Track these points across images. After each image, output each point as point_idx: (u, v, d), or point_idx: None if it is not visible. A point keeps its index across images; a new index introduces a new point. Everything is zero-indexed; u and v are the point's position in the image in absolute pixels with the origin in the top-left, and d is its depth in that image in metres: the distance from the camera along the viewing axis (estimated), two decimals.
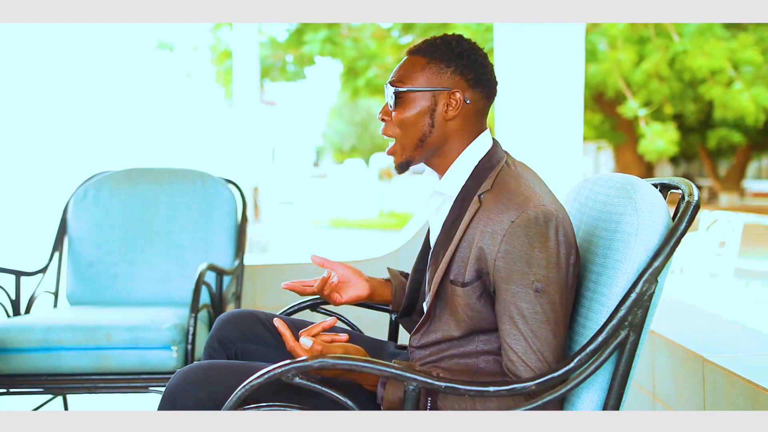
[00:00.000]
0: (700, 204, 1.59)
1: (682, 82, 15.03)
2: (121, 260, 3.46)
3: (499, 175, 1.67)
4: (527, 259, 1.55)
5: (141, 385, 2.83)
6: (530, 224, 1.55)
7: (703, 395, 2.41)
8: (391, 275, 2.07)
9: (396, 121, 1.72)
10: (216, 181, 3.59)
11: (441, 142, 1.72)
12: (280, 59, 15.88)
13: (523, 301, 1.55)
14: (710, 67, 13.19)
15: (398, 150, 1.74)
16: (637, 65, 14.20)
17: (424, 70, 1.70)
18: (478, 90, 1.71)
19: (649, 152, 13.97)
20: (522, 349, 1.56)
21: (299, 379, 1.52)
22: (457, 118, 1.70)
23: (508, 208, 1.58)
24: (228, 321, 2.00)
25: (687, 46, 13.23)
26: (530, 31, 3.43)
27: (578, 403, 1.63)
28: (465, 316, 1.65)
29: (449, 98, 1.69)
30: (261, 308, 4.05)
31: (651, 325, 1.65)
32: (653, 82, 14.56)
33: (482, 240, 1.59)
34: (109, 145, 20.05)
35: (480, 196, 1.65)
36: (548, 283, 1.55)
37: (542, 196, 1.61)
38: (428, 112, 1.69)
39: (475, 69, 1.70)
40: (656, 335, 2.75)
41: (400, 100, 1.71)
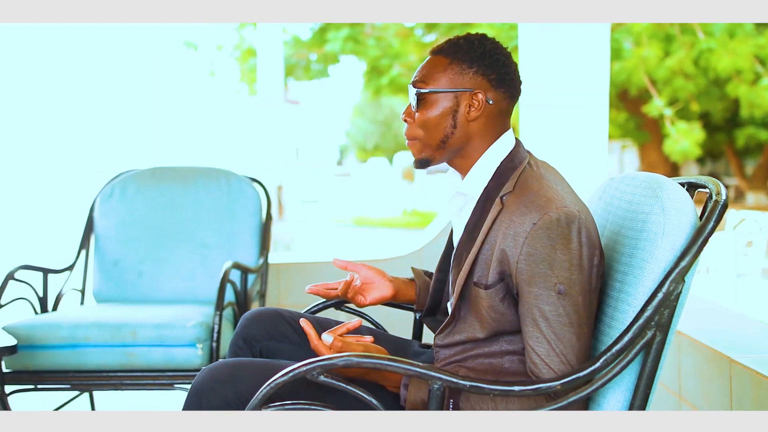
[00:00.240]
0: (727, 203, 1.58)
1: (707, 80, 14.88)
2: (147, 258, 3.49)
3: (521, 176, 1.66)
4: (549, 262, 1.54)
5: (166, 383, 2.85)
6: (552, 226, 1.54)
7: (730, 396, 2.39)
8: (414, 275, 2.07)
9: (418, 122, 1.72)
10: (240, 179, 3.60)
11: (463, 143, 1.71)
12: (303, 58, 15.92)
13: (546, 303, 1.54)
14: (735, 65, 13.05)
15: (419, 148, 1.74)
16: (662, 62, 14.07)
17: (446, 71, 1.70)
18: (500, 90, 1.70)
19: (674, 153, 13.86)
20: (545, 351, 1.55)
21: (324, 378, 1.52)
22: (480, 119, 1.69)
23: (530, 210, 1.57)
24: (253, 319, 2.01)
25: (712, 44, 13.10)
26: (555, 30, 3.42)
27: (604, 403, 1.62)
28: (489, 318, 1.65)
29: (471, 99, 1.68)
30: (285, 306, 4.06)
31: (678, 325, 1.64)
32: (678, 80, 14.43)
33: (504, 242, 1.59)
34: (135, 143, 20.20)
35: (502, 198, 1.64)
36: (571, 285, 1.54)
37: (564, 197, 1.60)
38: (450, 113, 1.69)
39: (498, 69, 1.69)
40: (682, 335, 2.73)
41: (423, 101, 1.71)
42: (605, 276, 1.71)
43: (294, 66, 15.91)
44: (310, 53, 15.76)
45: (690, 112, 16.62)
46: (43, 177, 18.84)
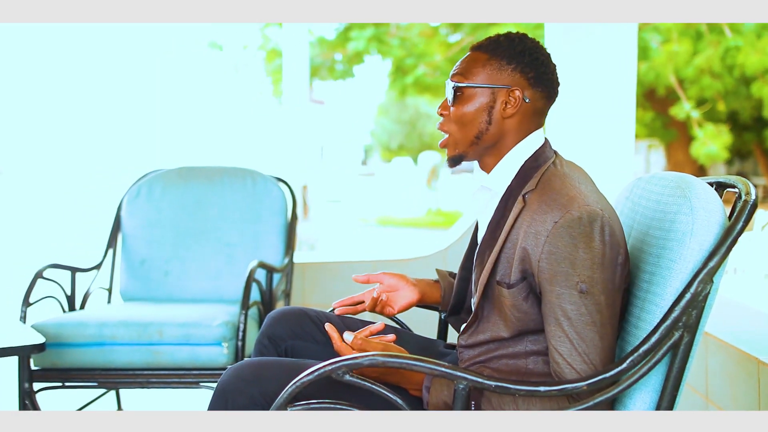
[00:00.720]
0: (757, 203, 1.56)
1: (733, 79, 14.74)
2: (173, 257, 3.51)
3: (544, 175, 1.65)
4: (571, 260, 1.53)
5: (192, 381, 2.87)
6: (574, 224, 1.53)
7: (758, 397, 2.37)
8: (439, 276, 2.07)
9: (454, 117, 1.72)
10: (266, 179, 3.61)
11: (496, 139, 1.71)
12: (328, 58, 15.95)
13: (568, 302, 1.54)
14: (762, 64, 12.91)
15: (452, 144, 1.74)
16: (690, 59, 13.94)
17: (485, 67, 1.70)
18: (538, 89, 1.70)
19: (702, 156, 13.74)
20: (567, 351, 1.54)
21: (350, 377, 1.53)
22: (515, 117, 1.69)
23: (551, 209, 1.56)
24: (278, 318, 2.01)
25: (739, 41, 12.97)
26: (581, 30, 3.40)
27: (630, 404, 1.61)
28: (513, 317, 1.64)
29: (508, 96, 1.68)
30: (310, 305, 4.08)
31: (705, 326, 1.62)
32: (705, 78, 14.30)
33: (526, 241, 1.58)
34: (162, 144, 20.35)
35: (524, 196, 1.64)
36: (593, 284, 1.53)
37: (587, 195, 1.59)
38: (486, 108, 1.69)
39: (536, 68, 1.69)
40: (709, 336, 2.70)
41: (459, 95, 1.71)
42: (632, 276, 1.69)
43: (319, 66, 15.94)
44: (335, 53, 15.78)
45: (717, 112, 16.46)
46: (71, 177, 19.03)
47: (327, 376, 1.52)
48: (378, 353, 1.52)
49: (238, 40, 16.28)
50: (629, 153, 3.50)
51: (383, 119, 38.63)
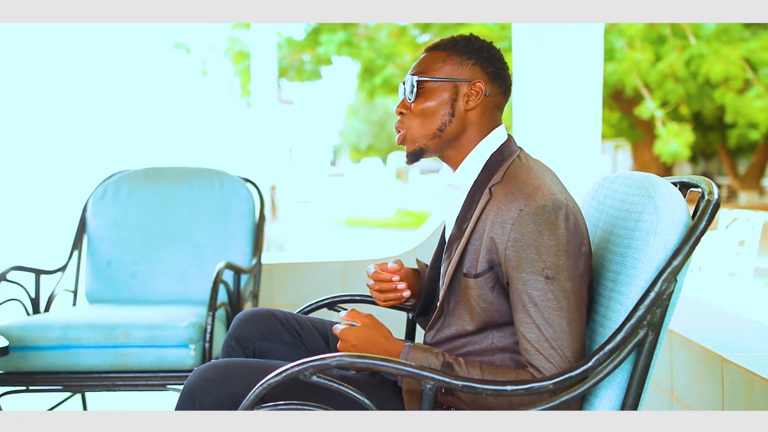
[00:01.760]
0: (720, 202, 1.58)
1: (697, 84, 14.95)
2: (140, 259, 3.48)
3: (509, 168, 1.68)
4: (537, 247, 1.55)
5: (159, 383, 2.85)
6: (539, 212, 1.55)
7: (722, 395, 2.40)
8: (419, 267, 2.06)
9: (416, 112, 1.73)
10: (234, 179, 3.60)
11: (458, 133, 1.73)
12: (297, 59, 15.91)
13: (534, 288, 1.55)
14: (726, 72, 13.11)
15: (411, 139, 1.75)
16: (654, 65, 14.13)
17: (446, 62, 1.73)
18: (496, 84, 1.74)
19: (664, 154, 13.92)
20: (535, 337, 1.56)
21: (317, 378, 1.52)
22: (477, 110, 1.72)
23: (516, 198, 1.59)
24: (246, 319, 2.00)
25: (704, 49, 13.16)
26: (549, 30, 3.43)
27: (596, 402, 1.62)
28: (478, 308, 1.65)
29: (470, 89, 1.71)
30: (278, 307, 4.06)
31: (670, 324, 1.64)
32: (669, 83, 14.49)
33: (492, 230, 1.60)
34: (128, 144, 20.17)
35: (491, 188, 1.66)
36: (558, 270, 1.55)
37: (552, 186, 1.62)
38: (449, 101, 1.71)
39: (494, 63, 1.73)
40: (675, 334, 2.73)
41: (422, 90, 1.73)
42: (598, 275, 1.71)
43: (287, 67, 15.90)
44: (304, 54, 15.75)
45: (681, 114, 16.67)
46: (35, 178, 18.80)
47: (295, 377, 1.52)
48: (345, 354, 1.52)
49: (205, 41, 16.20)
50: (596, 153, 3.53)
51: (352, 120, 38.64)
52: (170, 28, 17.35)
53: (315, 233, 15.51)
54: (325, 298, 2.23)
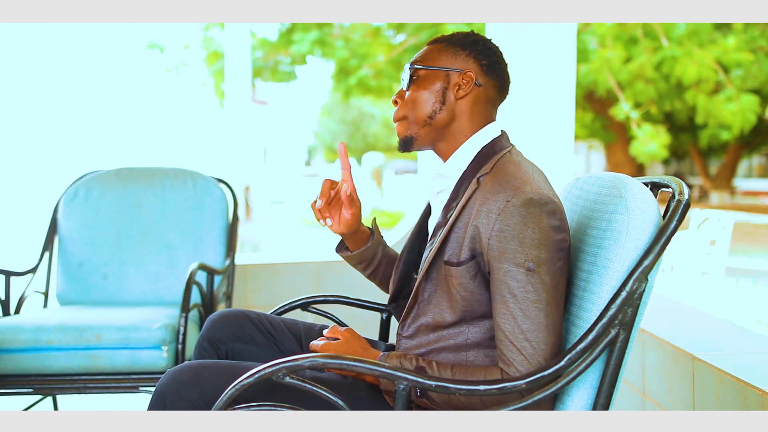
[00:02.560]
0: (690, 202, 1.59)
1: (668, 85, 15.08)
2: (112, 260, 3.45)
3: (499, 161, 1.70)
4: (520, 239, 1.56)
5: (131, 385, 2.83)
6: (526, 204, 1.57)
7: (693, 393, 2.42)
8: (374, 228, 2.04)
9: (409, 100, 1.77)
10: (207, 180, 3.58)
11: (448, 122, 1.75)
12: (271, 59, 15.87)
13: (515, 279, 1.56)
14: (698, 75, 13.24)
15: (405, 126, 1.78)
16: (625, 64, 14.23)
17: (441, 53, 1.77)
18: (490, 77, 1.77)
19: (641, 155, 14.03)
20: (510, 328, 1.56)
21: (290, 379, 1.52)
22: (467, 99, 1.74)
23: (504, 189, 1.60)
24: (218, 321, 1.99)
25: (676, 51, 13.27)
26: (522, 30, 3.44)
27: (568, 401, 1.63)
28: (458, 296, 1.66)
29: (461, 78, 1.74)
30: (252, 308, 4.05)
31: (641, 323, 1.65)
32: (639, 83, 14.61)
33: (477, 219, 1.61)
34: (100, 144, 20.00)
35: (479, 179, 1.67)
36: (540, 264, 1.56)
37: (540, 182, 1.64)
38: (441, 90, 1.74)
39: (489, 56, 1.77)
40: (647, 333, 2.76)
41: (415, 78, 1.77)
42: (570, 274, 1.72)
43: (261, 68, 15.85)
44: (278, 55, 15.71)
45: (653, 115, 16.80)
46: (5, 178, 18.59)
47: (267, 378, 1.51)
48: (318, 354, 1.52)
49: (179, 41, 16.10)
50: (569, 153, 3.55)
51: (327, 120, 38.59)
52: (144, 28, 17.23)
53: (289, 234, 15.47)
54: (299, 299, 2.22)
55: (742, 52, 13.61)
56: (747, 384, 2.11)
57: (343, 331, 1.79)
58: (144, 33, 16.59)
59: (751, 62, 13.99)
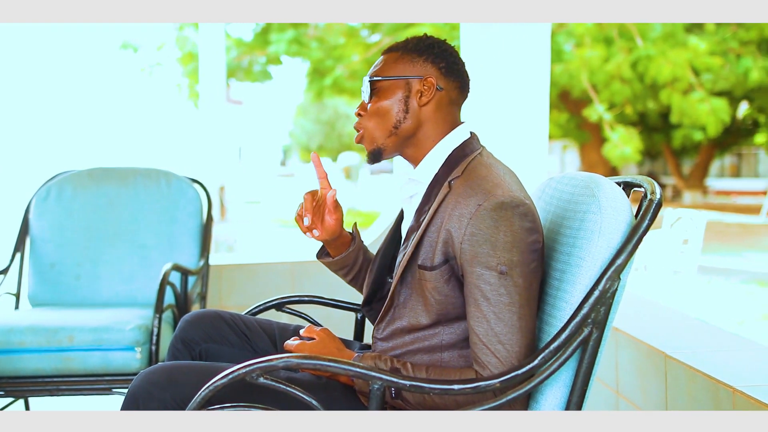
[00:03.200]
0: (662, 202, 1.61)
1: (643, 85, 15.21)
2: (85, 261, 3.42)
3: (470, 164, 1.70)
4: (492, 242, 1.56)
5: (104, 387, 2.80)
6: (497, 208, 1.57)
7: (665, 391, 2.44)
8: (355, 233, 2.04)
9: (371, 111, 1.76)
10: (181, 180, 3.56)
11: (415, 129, 1.75)
12: (246, 59, 15.81)
13: (487, 283, 1.56)
14: (672, 73, 13.39)
15: (369, 138, 1.77)
16: (602, 65, 14.34)
17: (398, 62, 1.75)
18: (450, 79, 1.76)
19: (614, 157, 14.15)
20: (483, 331, 1.57)
21: (264, 379, 1.51)
22: (431, 105, 1.74)
23: (476, 192, 1.60)
24: (192, 321, 1.98)
25: (651, 51, 13.40)
26: (496, 30, 3.45)
27: (542, 399, 1.63)
28: (433, 300, 1.66)
29: (422, 85, 1.73)
30: (226, 308, 4.03)
31: (614, 322, 1.66)
32: (615, 83, 14.72)
33: (450, 223, 1.61)
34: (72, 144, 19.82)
35: (450, 182, 1.67)
36: (512, 266, 1.56)
37: (511, 184, 1.64)
38: (403, 99, 1.73)
39: (446, 59, 1.75)
40: (620, 332, 2.77)
41: (375, 90, 1.76)
42: (544, 274, 1.72)
43: (236, 68, 15.80)
44: (253, 55, 15.66)
45: (627, 115, 16.93)
46: None
47: (241, 379, 1.51)
48: (292, 355, 1.51)
49: (153, 40, 15.99)
50: (543, 153, 3.56)
51: (302, 120, 38.50)
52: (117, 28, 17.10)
53: (264, 234, 15.42)
54: (274, 299, 2.22)
55: (713, 56, 13.78)
56: (718, 381, 2.13)
57: (318, 331, 1.78)
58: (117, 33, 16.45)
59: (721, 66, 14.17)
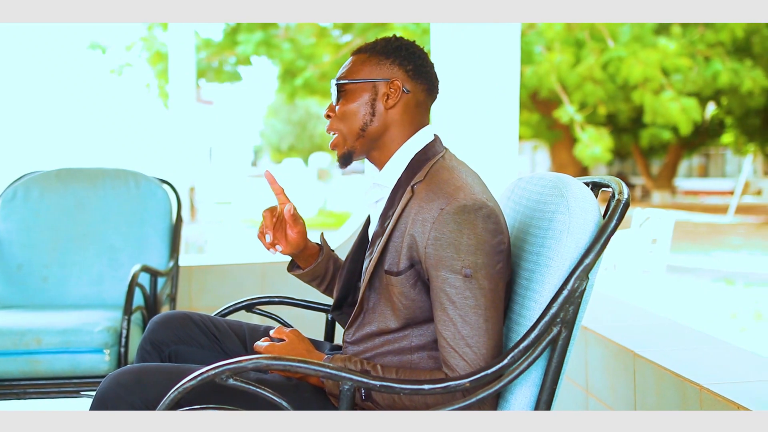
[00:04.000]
0: (629, 202, 1.62)
1: (615, 85, 15.35)
2: (52, 262, 3.38)
3: (432, 167, 1.70)
4: (456, 246, 1.56)
5: (72, 390, 2.78)
6: (459, 211, 1.57)
7: (634, 389, 2.46)
8: (323, 243, 2.04)
9: (339, 114, 1.76)
10: (150, 181, 3.53)
11: (382, 132, 1.75)
12: (216, 60, 15.74)
13: (452, 287, 1.57)
14: (643, 74, 13.53)
15: (341, 142, 1.77)
16: (572, 68, 14.44)
17: (365, 64, 1.75)
18: (417, 81, 1.75)
19: (585, 158, 14.26)
20: (451, 335, 1.57)
21: (233, 381, 1.50)
22: (397, 108, 1.74)
23: (438, 197, 1.60)
24: (161, 323, 1.97)
25: (622, 52, 13.53)
26: (467, 31, 3.45)
27: (511, 398, 1.64)
28: (400, 305, 1.66)
29: (388, 88, 1.73)
30: (196, 309, 4.00)
31: (583, 321, 1.67)
32: (588, 85, 14.83)
33: (414, 228, 1.61)
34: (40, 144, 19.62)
35: (413, 187, 1.67)
36: (477, 269, 1.57)
37: (473, 186, 1.64)
38: (369, 101, 1.73)
39: (414, 61, 1.75)
40: (589, 331, 2.79)
41: (343, 93, 1.75)
42: (513, 273, 1.73)
43: (206, 68, 15.72)
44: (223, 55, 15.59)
45: (597, 115, 17.07)
46: None
47: (210, 380, 1.50)
48: (262, 356, 1.51)
49: (122, 41, 15.87)
50: (513, 153, 3.57)
51: (273, 120, 38.41)
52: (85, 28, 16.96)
53: (235, 235, 15.35)
54: (244, 300, 2.21)
55: (682, 57, 13.94)
56: (685, 379, 2.16)
57: (287, 332, 1.78)
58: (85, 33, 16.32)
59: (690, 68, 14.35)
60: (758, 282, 9.51)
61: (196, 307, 4.10)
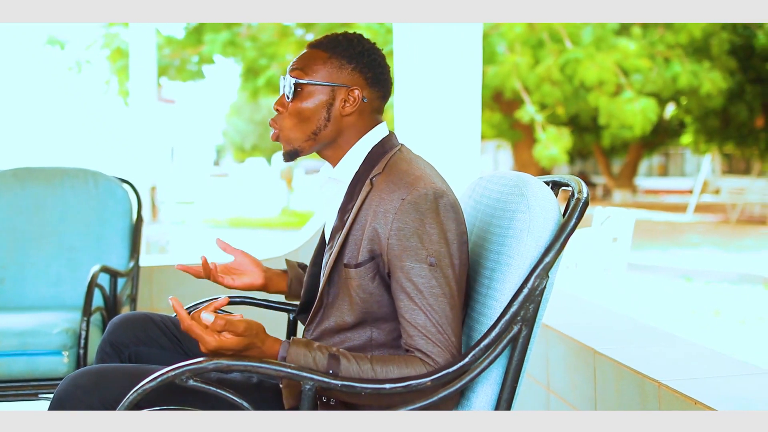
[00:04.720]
0: (588, 201, 1.63)
1: (572, 87, 15.50)
2: (9, 263, 3.33)
3: (391, 160, 1.70)
4: (419, 235, 1.57)
5: (30, 393, 2.74)
6: (421, 200, 1.58)
7: (595, 386, 2.48)
8: (288, 266, 2.05)
9: (292, 112, 1.73)
10: (109, 180, 3.49)
11: (334, 137, 1.74)
12: (178, 58, 15.61)
13: (418, 275, 1.57)
14: (600, 76, 13.68)
15: (286, 139, 1.75)
16: (532, 68, 14.55)
17: (325, 65, 1.72)
18: (375, 89, 1.74)
19: (543, 158, 14.37)
20: (422, 322, 1.57)
21: (193, 382, 1.49)
22: (353, 115, 1.73)
23: (398, 187, 1.61)
24: (121, 324, 1.95)
25: (579, 54, 13.67)
26: (429, 31, 3.46)
27: (473, 397, 1.65)
28: (358, 299, 1.66)
29: (347, 95, 1.71)
30: (158, 310, 3.97)
31: (544, 319, 1.69)
32: (546, 86, 14.96)
33: (375, 220, 1.61)
34: None
35: (372, 179, 1.67)
36: (441, 257, 1.58)
37: (432, 176, 1.65)
38: (326, 105, 1.71)
39: (374, 68, 1.73)
40: (550, 329, 2.81)
41: (299, 91, 1.72)
42: (474, 272, 1.74)
43: (168, 66, 15.57)
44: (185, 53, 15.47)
45: (558, 116, 17.21)
46: None
47: (170, 381, 1.48)
48: (222, 357, 1.49)
49: (81, 37, 15.66)
50: (475, 152, 3.59)
51: (236, 119, 38.20)
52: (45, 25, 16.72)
53: (198, 234, 15.24)
54: (205, 300, 2.18)
55: (642, 57, 14.11)
56: (644, 376, 2.18)
57: (237, 321, 1.56)
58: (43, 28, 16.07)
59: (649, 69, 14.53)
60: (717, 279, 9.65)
61: (157, 308, 4.06)
